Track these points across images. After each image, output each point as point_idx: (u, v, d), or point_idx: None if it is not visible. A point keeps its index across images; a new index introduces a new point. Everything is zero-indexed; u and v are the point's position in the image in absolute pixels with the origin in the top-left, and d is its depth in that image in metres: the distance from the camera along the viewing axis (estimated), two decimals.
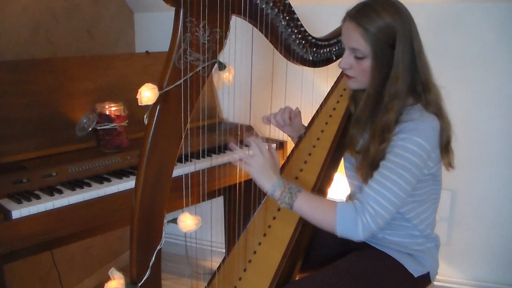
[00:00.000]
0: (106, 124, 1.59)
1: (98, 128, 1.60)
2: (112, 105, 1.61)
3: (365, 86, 1.20)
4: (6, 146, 1.46)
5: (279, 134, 1.89)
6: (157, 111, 1.00)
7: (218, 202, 2.12)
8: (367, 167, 1.14)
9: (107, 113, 1.60)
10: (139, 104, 0.98)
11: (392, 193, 1.06)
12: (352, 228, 1.06)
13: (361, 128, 1.23)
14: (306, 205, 1.11)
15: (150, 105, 1.00)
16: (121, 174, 1.51)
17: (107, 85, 1.78)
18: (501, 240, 1.98)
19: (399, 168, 1.07)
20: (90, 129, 1.60)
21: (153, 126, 1.00)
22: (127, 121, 1.65)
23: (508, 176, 1.93)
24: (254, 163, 1.13)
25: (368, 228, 1.05)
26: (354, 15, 1.13)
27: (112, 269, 1.05)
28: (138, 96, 0.97)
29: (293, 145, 1.48)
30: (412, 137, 1.08)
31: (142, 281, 1.06)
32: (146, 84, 0.97)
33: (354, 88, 1.25)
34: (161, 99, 0.99)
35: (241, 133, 1.94)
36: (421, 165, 1.09)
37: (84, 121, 1.61)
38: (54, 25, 1.89)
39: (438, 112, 1.15)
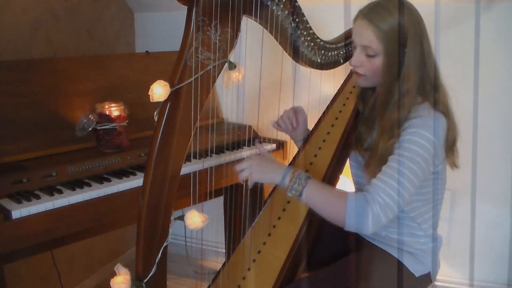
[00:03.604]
0: (106, 124, 1.59)
1: (98, 128, 1.60)
2: (112, 105, 1.61)
3: (374, 84, 1.21)
4: (6, 146, 1.45)
5: (279, 134, 1.90)
6: (167, 108, 1.00)
7: (218, 202, 2.12)
8: (376, 163, 1.14)
9: (107, 113, 1.60)
10: (151, 101, 0.98)
11: (400, 184, 1.05)
12: (362, 218, 1.03)
13: (370, 127, 1.26)
14: (316, 192, 1.09)
15: (160, 102, 1.00)
16: (121, 174, 1.51)
17: (107, 85, 1.78)
18: (501, 240, 1.98)
19: (407, 160, 1.07)
20: (90, 129, 1.60)
21: (163, 123, 1.01)
22: (127, 121, 1.65)
23: (508, 176, 1.92)
24: (252, 168, 1.12)
25: (378, 219, 1.04)
26: (367, 13, 1.14)
27: (118, 265, 1.05)
28: (150, 93, 0.98)
29: (294, 145, 1.48)
30: (420, 131, 1.08)
31: (147, 278, 1.06)
32: (158, 80, 0.98)
33: (363, 86, 1.26)
34: (172, 96, 0.99)
35: (242, 134, 1.94)
36: (429, 159, 1.09)
37: (84, 121, 1.60)
38: (54, 25, 1.89)
39: (446, 111, 1.16)
